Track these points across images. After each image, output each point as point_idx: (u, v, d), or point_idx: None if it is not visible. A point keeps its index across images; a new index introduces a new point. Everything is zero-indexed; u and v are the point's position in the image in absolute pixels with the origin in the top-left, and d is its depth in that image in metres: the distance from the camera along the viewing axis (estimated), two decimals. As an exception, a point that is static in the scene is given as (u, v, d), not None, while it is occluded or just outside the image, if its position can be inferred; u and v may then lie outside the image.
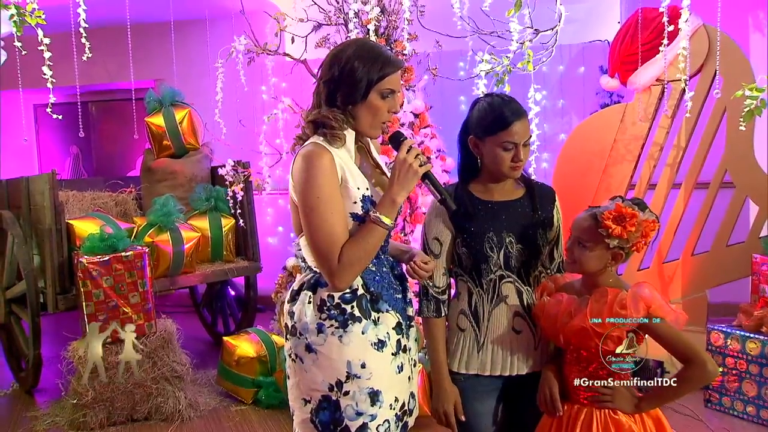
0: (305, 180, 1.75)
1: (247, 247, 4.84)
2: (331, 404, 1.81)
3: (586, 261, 1.89)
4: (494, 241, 1.98)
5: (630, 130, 4.15)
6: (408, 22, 3.99)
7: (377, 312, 1.85)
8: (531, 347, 2.02)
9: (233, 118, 4.65)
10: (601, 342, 1.81)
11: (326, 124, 1.81)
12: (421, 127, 4.35)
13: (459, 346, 2.05)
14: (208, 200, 4.68)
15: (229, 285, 5.21)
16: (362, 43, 1.86)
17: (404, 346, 1.92)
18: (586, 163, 4.26)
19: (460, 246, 2.02)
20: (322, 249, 1.76)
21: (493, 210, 2.01)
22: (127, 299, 3.66)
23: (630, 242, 1.83)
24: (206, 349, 4.76)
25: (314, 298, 1.84)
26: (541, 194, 2.07)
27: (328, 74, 1.83)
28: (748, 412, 3.54)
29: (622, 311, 1.79)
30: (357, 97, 1.81)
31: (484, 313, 2.01)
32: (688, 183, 4.12)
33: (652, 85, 4.04)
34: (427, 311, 2.07)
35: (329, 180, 1.75)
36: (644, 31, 3.90)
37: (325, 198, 1.74)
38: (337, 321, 1.81)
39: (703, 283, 4.06)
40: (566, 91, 5.42)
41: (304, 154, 1.78)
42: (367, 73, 1.79)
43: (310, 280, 1.88)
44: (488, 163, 1.99)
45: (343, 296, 1.82)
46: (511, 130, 1.92)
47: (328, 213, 1.75)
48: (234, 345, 4.10)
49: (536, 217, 2.02)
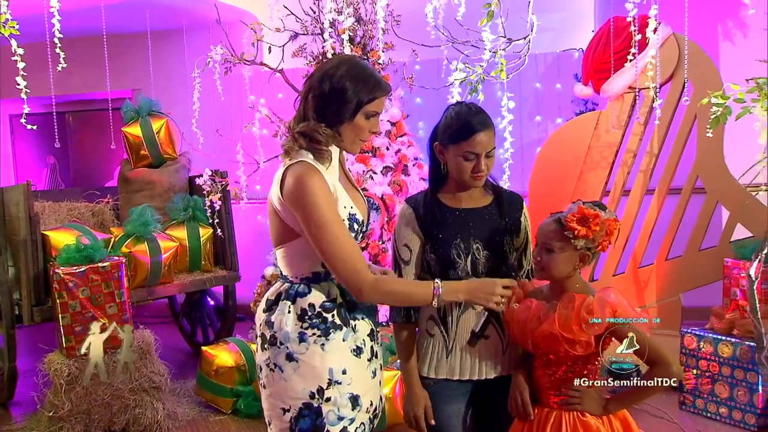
0: (305, 202, 1.77)
1: (226, 257, 4.83)
2: (313, 411, 1.83)
3: (554, 266, 1.91)
4: (461, 247, 2.00)
5: (604, 137, 4.21)
6: (383, 31, 4.03)
7: (354, 320, 1.90)
8: (499, 352, 2.05)
9: (211, 128, 4.65)
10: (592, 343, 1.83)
11: (315, 138, 1.84)
12: (398, 136, 4.38)
13: (428, 351, 2.07)
14: (185, 210, 4.66)
15: (207, 294, 5.18)
16: (355, 63, 1.90)
17: (376, 351, 1.97)
18: (561, 170, 4.31)
19: (428, 252, 2.04)
20: (348, 264, 1.78)
21: (461, 217, 2.04)
22: (103, 310, 3.63)
23: (596, 241, 1.86)
24: (185, 359, 4.74)
25: (294, 308, 1.86)
26: (508, 201, 2.09)
27: (318, 89, 1.86)
28: (720, 413, 3.59)
29: (589, 316, 1.82)
30: (345, 116, 1.85)
31: (452, 318, 2.03)
32: (661, 189, 4.18)
33: (624, 93, 4.11)
34: (398, 317, 2.10)
35: (326, 198, 1.79)
36: (616, 40, 3.96)
37: (329, 215, 1.77)
38: (320, 329, 1.84)
39: (677, 287, 4.12)
40: (541, 99, 5.48)
41: (297, 175, 1.79)
42: (357, 94, 1.83)
43: (289, 290, 1.90)
44: (452, 171, 2.02)
45: (324, 305, 1.86)
46: (473, 141, 1.94)
47: (337, 229, 1.78)
48: (213, 354, 4.08)
49: (503, 224, 2.04)
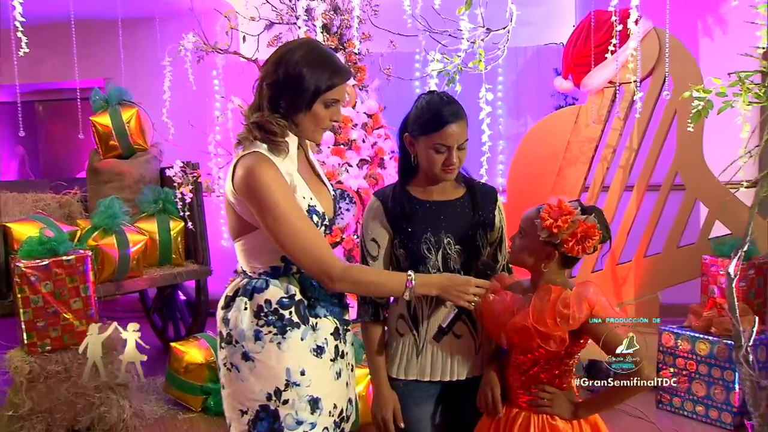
0: (258, 193, 1.68)
1: (197, 250, 4.72)
2: (270, 414, 1.76)
3: (520, 251, 1.87)
4: (432, 242, 1.92)
5: (583, 132, 4.17)
6: (360, 21, 3.94)
7: (315, 317, 1.82)
8: (472, 352, 1.98)
9: (183, 119, 4.53)
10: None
11: (269, 129, 1.75)
12: (374, 128, 4.29)
13: (398, 351, 1.99)
14: (156, 202, 4.55)
15: (179, 289, 5.07)
16: (312, 47, 1.79)
17: (342, 351, 1.89)
18: (540, 165, 4.27)
19: (397, 247, 1.96)
20: (311, 253, 1.71)
21: (431, 210, 1.96)
22: (68, 305, 3.51)
23: (558, 238, 1.77)
24: (156, 355, 4.62)
25: (250, 305, 1.79)
26: (481, 194, 2.01)
27: (273, 76, 1.76)
28: (697, 411, 3.56)
29: (564, 310, 1.76)
30: (302, 105, 1.75)
31: (423, 318, 1.96)
32: (640, 185, 4.15)
33: (604, 87, 4.07)
34: (366, 316, 2.01)
35: (281, 187, 1.71)
36: (597, 34, 3.91)
37: (285, 205, 1.69)
38: (276, 327, 1.76)
39: (656, 284, 4.10)
40: (521, 93, 5.44)
41: (247, 166, 1.71)
42: (314, 81, 1.74)
43: (246, 285, 1.82)
44: (422, 163, 1.94)
45: (281, 301, 1.78)
46: (444, 132, 1.86)
47: (295, 219, 1.70)
48: (182, 351, 3.98)
49: (476, 217, 1.97)
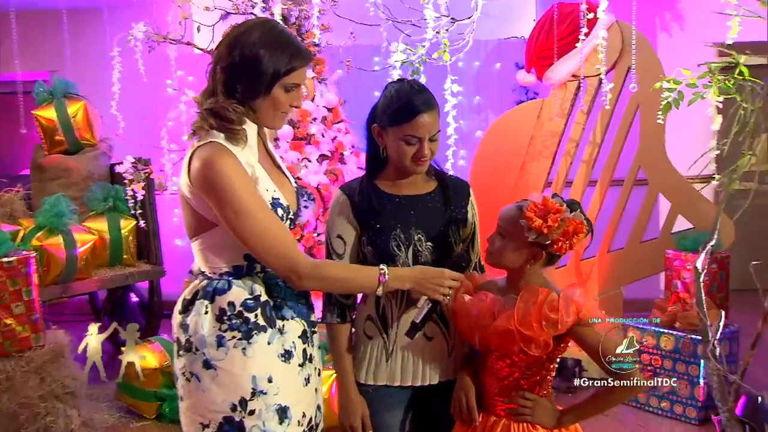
0: (217, 186, 1.56)
1: (150, 250, 4.54)
2: (234, 426, 1.63)
3: (504, 253, 1.76)
4: (401, 238, 1.83)
5: (547, 126, 4.13)
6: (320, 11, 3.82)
7: (282, 320, 1.70)
8: (444, 354, 1.89)
9: (133, 112, 4.34)
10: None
11: (225, 117, 1.62)
12: (335, 122, 4.18)
13: (366, 355, 1.89)
14: (105, 200, 4.35)
15: (131, 290, 4.87)
16: (269, 28, 1.66)
17: (310, 355, 1.78)
18: (503, 160, 4.21)
19: (365, 244, 1.86)
20: (277, 249, 1.60)
21: (401, 205, 1.86)
22: (9, 310, 3.29)
23: (549, 239, 1.68)
24: (107, 360, 4.43)
25: (212, 308, 1.66)
26: (454, 188, 1.93)
27: (227, 58, 1.63)
28: (662, 407, 3.55)
29: (552, 314, 1.66)
30: (260, 90, 1.64)
31: (392, 318, 1.86)
32: (603, 180, 4.13)
33: (567, 80, 4.03)
34: (331, 317, 1.90)
35: (242, 179, 1.59)
36: (560, 26, 3.87)
37: (248, 198, 1.58)
38: (240, 331, 1.64)
39: (619, 279, 4.08)
40: (482, 88, 5.40)
41: (204, 158, 1.58)
42: (273, 64, 1.62)
43: (206, 287, 1.69)
44: (391, 156, 1.84)
45: (245, 303, 1.66)
46: (416, 123, 1.76)
47: (259, 212, 1.59)
48: (135, 356, 3.80)
49: (448, 212, 1.88)
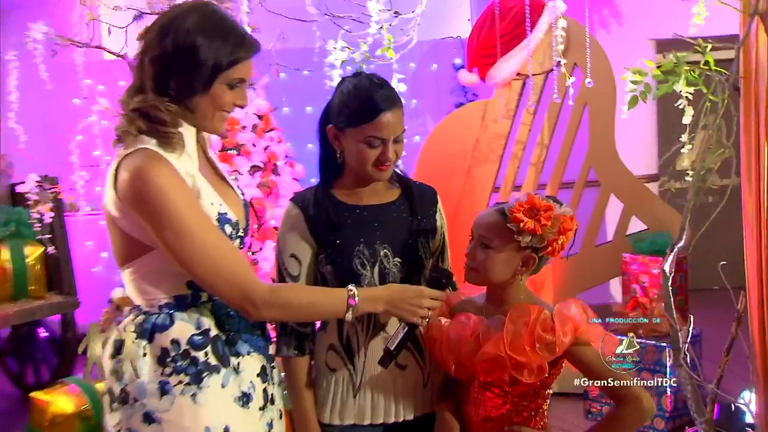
0: (152, 202, 1.34)
1: (61, 279, 4.18)
2: None
3: (492, 266, 1.58)
4: (366, 255, 1.66)
5: (492, 128, 3.98)
6: (246, 11, 3.56)
7: (236, 356, 1.47)
8: (419, 385, 1.72)
9: (36, 125, 3.95)
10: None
11: (156, 118, 1.39)
12: (266, 130, 3.87)
13: (330, 391, 1.71)
14: (6, 225, 4.00)
15: (40, 325, 4.45)
16: (209, 12, 1.42)
17: (271, 395, 1.55)
18: (447, 165, 4.05)
19: (323, 263, 1.68)
20: (228, 274, 1.38)
21: (363, 216, 1.70)
22: None
23: (545, 240, 1.53)
24: (11, 407, 4.00)
25: (151, 349, 1.42)
26: (420, 195, 1.78)
27: (158, 48, 1.39)
28: (629, 420, 3.40)
29: (547, 335, 1.51)
30: (197, 86, 1.41)
31: (359, 346, 1.69)
32: (553, 183, 4.02)
33: (512, 79, 3.89)
34: (288, 350, 1.70)
35: (181, 192, 1.37)
36: (502, 22, 3.74)
37: (189, 214, 1.36)
38: (188, 375, 1.41)
39: (576, 286, 3.95)
40: (419, 91, 5.28)
41: (135, 168, 1.34)
42: (213, 55, 1.39)
43: (143, 324, 1.44)
44: (350, 161, 1.67)
45: (192, 340, 1.42)
46: (378, 123, 1.59)
47: (204, 231, 1.38)
48: (46, 401, 3.33)
49: (415, 222, 1.73)
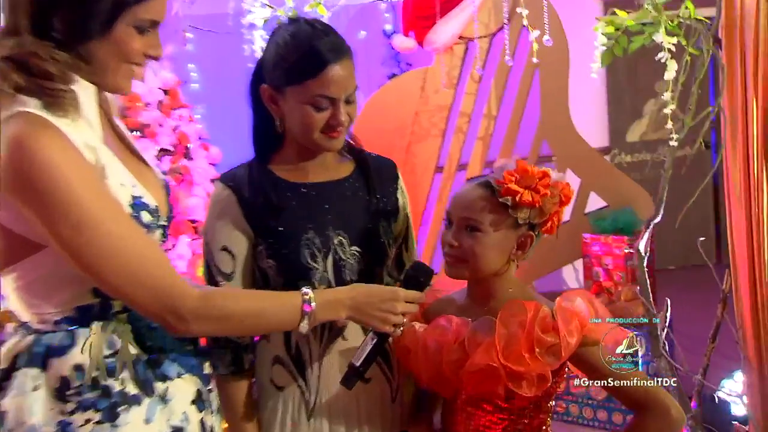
0: (38, 186, 1.03)
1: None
2: None
3: (484, 252, 1.32)
4: (316, 244, 1.40)
5: (433, 100, 3.64)
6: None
7: (163, 381, 1.19)
8: (386, 400, 1.47)
9: None
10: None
11: (39, 70, 1.06)
12: (174, 108, 3.33)
13: (278, 414, 1.43)
14: None
15: None
16: None
17: (210, 427, 1.27)
18: (385, 142, 3.59)
19: (263, 257, 1.41)
20: (149, 279, 1.10)
21: (310, 197, 1.43)
22: None
23: (546, 213, 1.31)
24: None
25: (46, 379, 1.12)
26: (378, 169, 1.51)
27: None
28: (598, 417, 3.13)
29: (548, 337, 1.26)
30: (93, 26, 1.09)
31: (311, 358, 1.43)
32: (503, 158, 3.65)
33: (454, 43, 3.52)
34: (222, 367, 1.40)
35: (78, 169, 1.06)
36: (442, -21, 3.35)
37: (91, 200, 1.06)
38: (99, 411, 1.11)
39: (533, 272, 3.64)
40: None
41: (14, 140, 1.03)
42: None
43: (32, 347, 1.14)
44: (292, 128, 1.40)
45: (102, 364, 1.12)
46: (325, 78, 1.32)
47: (112, 223, 1.08)
48: None
49: (374, 202, 1.47)
